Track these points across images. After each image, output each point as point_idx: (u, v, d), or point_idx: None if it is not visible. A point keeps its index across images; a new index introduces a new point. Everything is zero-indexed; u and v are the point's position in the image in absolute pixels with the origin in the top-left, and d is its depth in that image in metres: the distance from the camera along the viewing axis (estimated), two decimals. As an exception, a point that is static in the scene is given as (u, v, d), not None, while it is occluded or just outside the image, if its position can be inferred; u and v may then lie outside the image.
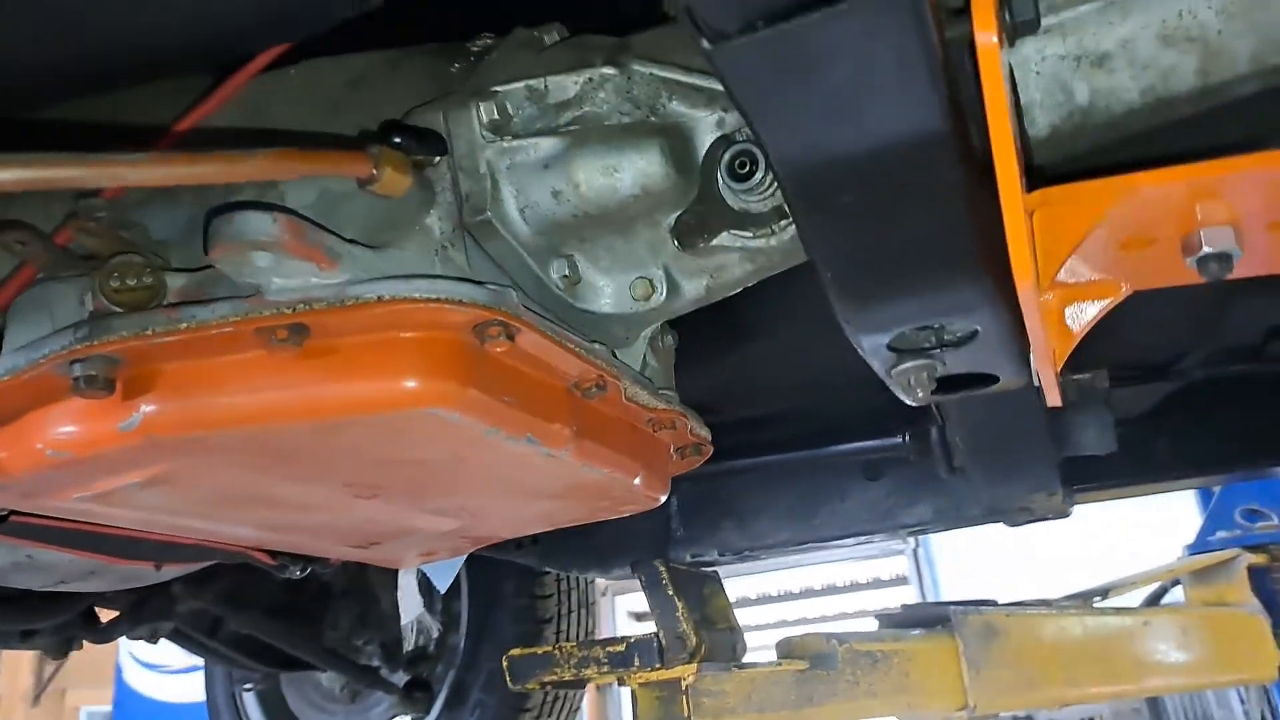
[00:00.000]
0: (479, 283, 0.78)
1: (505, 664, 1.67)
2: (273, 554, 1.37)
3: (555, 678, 1.65)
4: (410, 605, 1.58)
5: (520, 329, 0.79)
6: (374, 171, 0.66)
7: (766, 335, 1.36)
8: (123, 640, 1.88)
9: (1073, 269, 0.72)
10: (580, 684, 1.70)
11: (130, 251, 0.76)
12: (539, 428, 0.88)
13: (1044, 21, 0.68)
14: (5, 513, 0.96)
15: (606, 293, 0.94)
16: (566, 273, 0.91)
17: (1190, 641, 1.71)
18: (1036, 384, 0.88)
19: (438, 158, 0.82)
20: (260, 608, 2.02)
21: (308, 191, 0.83)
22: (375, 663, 2.41)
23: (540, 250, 0.88)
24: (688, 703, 1.52)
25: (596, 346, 0.92)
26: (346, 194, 0.84)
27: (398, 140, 0.79)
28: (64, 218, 0.76)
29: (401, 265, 0.78)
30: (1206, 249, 0.67)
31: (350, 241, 0.75)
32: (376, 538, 1.17)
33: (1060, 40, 0.71)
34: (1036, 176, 0.70)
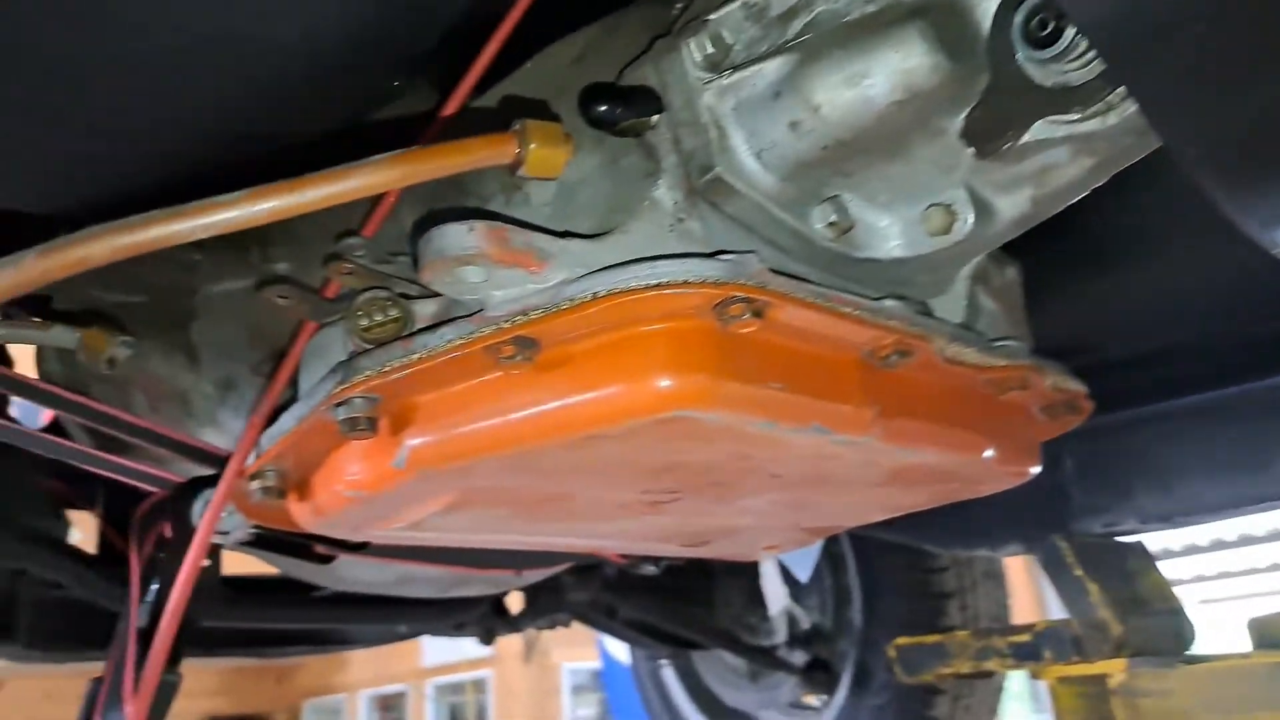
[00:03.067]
0: (710, 255, 0.66)
1: (894, 655, 1.52)
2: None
3: (952, 670, 1.46)
4: (775, 596, 1.49)
5: (769, 301, 0.65)
6: (517, 151, 0.57)
7: (1149, 244, 1.04)
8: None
9: None
10: (984, 675, 1.49)
11: (378, 286, 0.75)
12: (826, 412, 0.73)
13: None
14: (363, 541, 1.04)
15: (892, 233, 0.76)
16: (833, 218, 0.74)
17: None
18: None
19: (654, 116, 0.70)
20: (647, 592, 2.08)
21: (547, 186, 0.77)
22: (773, 641, 2.38)
23: (793, 199, 0.72)
24: (1120, 705, 1.25)
25: (887, 303, 0.74)
26: (582, 180, 0.77)
27: (601, 109, 0.69)
28: (323, 262, 0.77)
29: (629, 250, 0.68)
30: None
31: (565, 235, 0.67)
32: (702, 537, 1.10)
33: None
34: None
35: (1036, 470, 0.95)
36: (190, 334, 1.11)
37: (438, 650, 10.38)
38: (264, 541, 1.04)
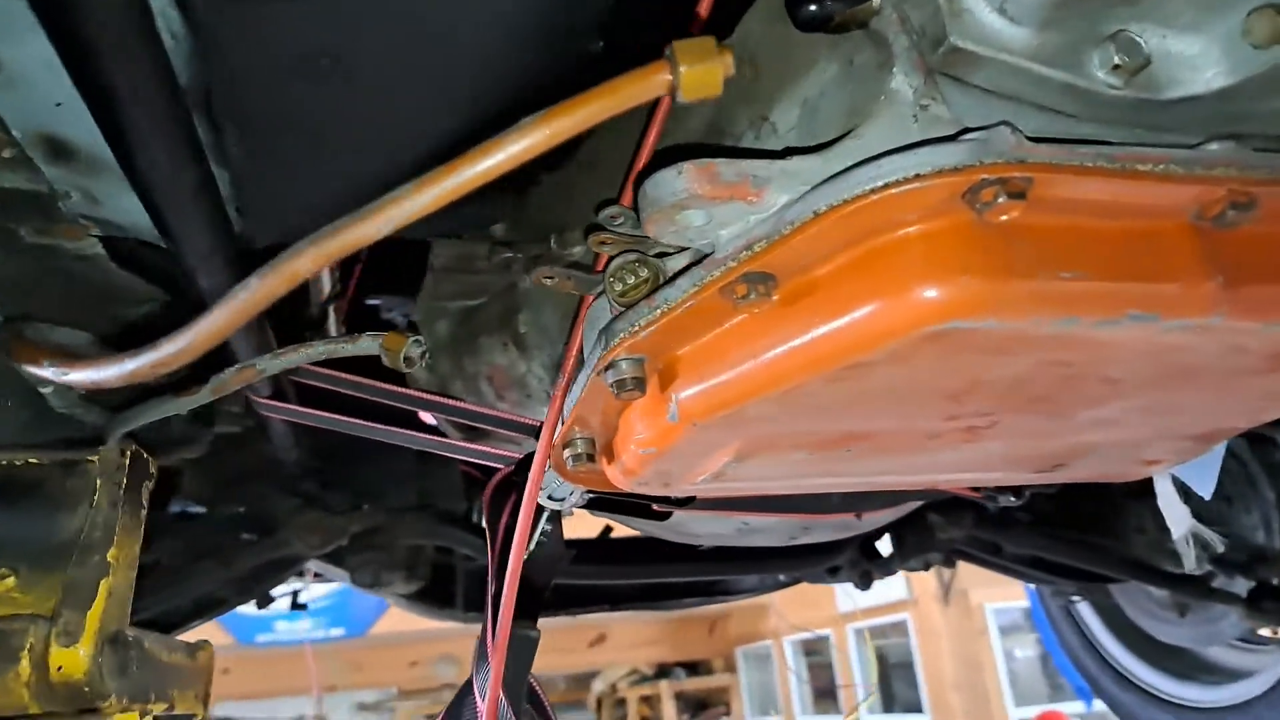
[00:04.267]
0: (952, 137, 0.57)
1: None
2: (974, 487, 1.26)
3: None
4: (1177, 517, 1.28)
5: (1031, 178, 0.54)
6: (669, 79, 0.52)
7: None
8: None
9: None
10: None
11: (631, 250, 0.76)
12: (1145, 295, 0.60)
13: None
14: (688, 497, 1.07)
15: (1206, 60, 0.60)
16: (1118, 61, 0.60)
17: None
18: None
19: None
20: (1034, 524, 1.90)
21: (792, 109, 0.72)
22: (1205, 569, 2.05)
23: (1060, 49, 0.60)
24: None
25: (1211, 148, 0.59)
26: (822, 93, 0.71)
27: (811, 8, 0.63)
28: (584, 235, 0.80)
29: (864, 153, 0.61)
30: None
31: (783, 155, 0.62)
32: (1052, 460, 0.97)
33: None
34: None
35: None
36: (518, 325, 1.23)
37: (852, 596, 10.48)
38: (603, 504, 1.12)
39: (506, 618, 0.82)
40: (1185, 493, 1.27)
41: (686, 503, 1.08)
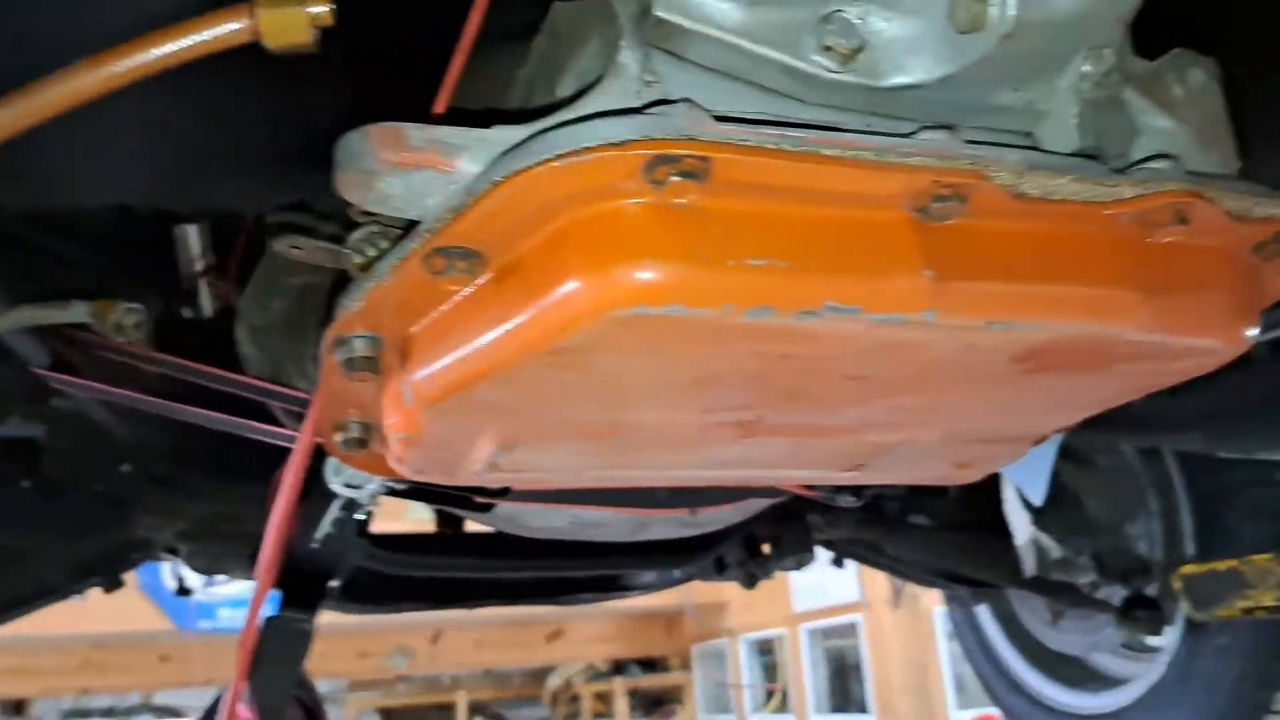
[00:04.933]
0: (637, 110, 0.54)
1: (1179, 586, 1.23)
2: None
3: (1253, 604, 1.15)
4: (1019, 524, 1.27)
5: (709, 157, 0.52)
6: (248, 21, 0.50)
7: None
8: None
9: None
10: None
11: (374, 222, 0.73)
12: (844, 289, 0.58)
13: None
14: (500, 489, 1.05)
15: (924, 46, 0.58)
16: (830, 43, 0.58)
17: None
18: None
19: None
20: (916, 529, 1.90)
21: (568, 82, 0.69)
22: (1089, 578, 2.06)
23: (775, 29, 0.57)
24: None
25: (921, 136, 0.57)
26: (588, 66, 0.68)
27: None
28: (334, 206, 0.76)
29: (561, 120, 0.58)
30: None
31: (490, 123, 0.59)
32: (848, 459, 0.95)
33: None
34: None
35: (1252, 331, 0.69)
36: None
37: (807, 596, 10.52)
38: (420, 494, 1.09)
39: (255, 610, 0.79)
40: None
41: (503, 493, 1.05)
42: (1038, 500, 1.21)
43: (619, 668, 14.89)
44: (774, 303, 0.57)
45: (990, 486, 2.16)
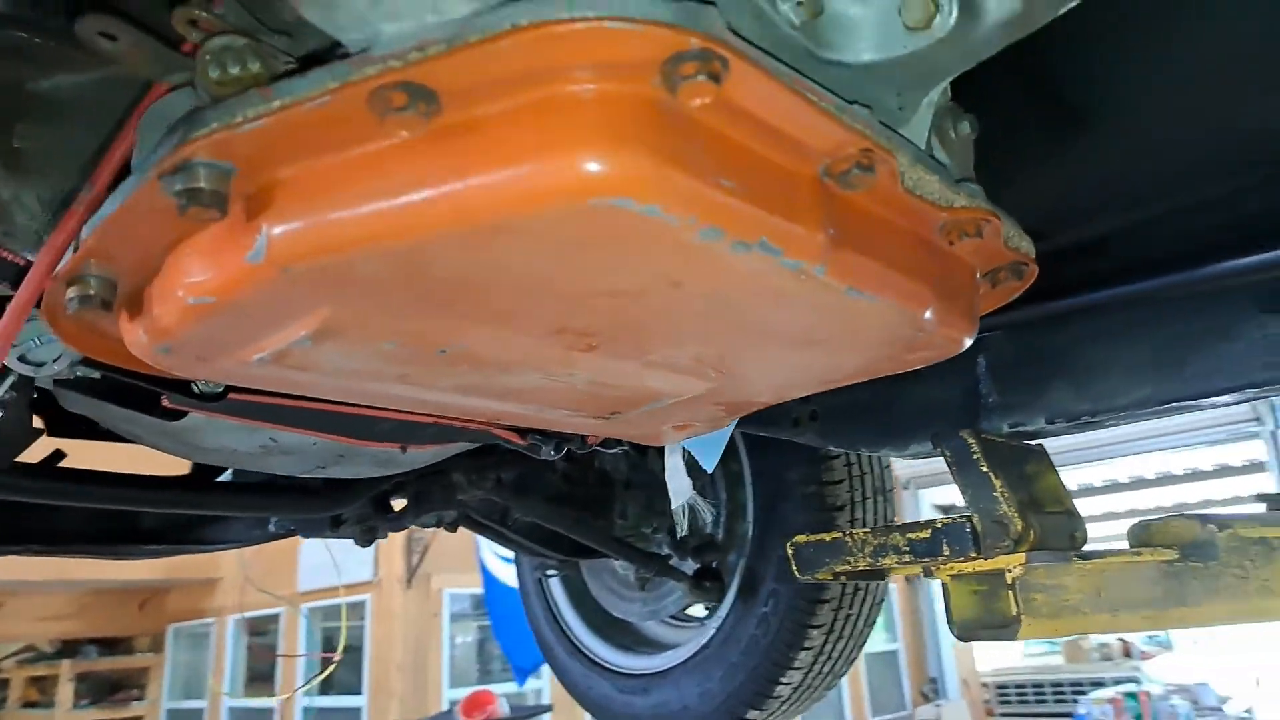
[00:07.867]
0: None
1: (790, 551, 1.47)
2: (522, 434, 1.26)
3: (848, 568, 1.42)
4: (679, 488, 1.42)
5: (730, 60, 0.53)
6: None
7: (1110, 114, 0.98)
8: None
9: None
10: (878, 575, 1.46)
11: (239, 32, 0.59)
12: (776, 228, 0.63)
13: None
14: (220, 389, 0.89)
15: (865, 28, 0.65)
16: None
17: None
18: None
19: None
20: (543, 497, 1.99)
21: None
22: (664, 551, 2.33)
23: (757, -33, 0.61)
24: (1015, 599, 1.23)
25: (855, 106, 0.64)
26: None
27: None
28: (169, 6, 0.60)
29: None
30: None
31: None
32: (614, 405, 0.99)
33: None
34: None
35: (970, 339, 0.88)
36: (13, 136, 0.92)
37: (315, 575, 10.16)
38: (94, 386, 0.88)
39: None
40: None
41: (218, 398, 0.89)
42: (709, 467, 1.36)
43: (70, 649, 12.98)
44: (727, 226, 0.60)
45: (590, 466, 2.35)
